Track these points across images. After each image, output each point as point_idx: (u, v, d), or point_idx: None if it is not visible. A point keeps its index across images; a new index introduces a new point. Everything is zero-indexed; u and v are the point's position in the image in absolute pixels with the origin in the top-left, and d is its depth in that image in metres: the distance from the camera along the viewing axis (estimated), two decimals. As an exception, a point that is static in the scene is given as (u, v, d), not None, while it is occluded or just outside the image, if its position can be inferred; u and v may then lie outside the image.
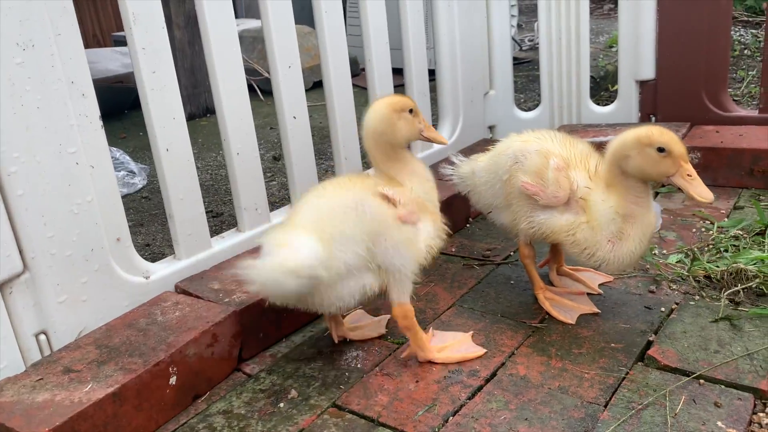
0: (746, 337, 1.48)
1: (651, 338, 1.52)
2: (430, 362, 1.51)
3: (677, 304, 1.65)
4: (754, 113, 2.40)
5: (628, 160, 1.44)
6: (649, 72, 2.53)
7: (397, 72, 2.31)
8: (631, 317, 1.61)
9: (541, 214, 1.57)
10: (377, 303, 1.74)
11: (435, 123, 2.68)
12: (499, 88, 2.71)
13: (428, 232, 1.48)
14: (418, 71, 2.31)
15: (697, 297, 1.67)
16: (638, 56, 2.52)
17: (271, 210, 1.94)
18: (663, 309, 1.63)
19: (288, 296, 1.35)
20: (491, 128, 2.78)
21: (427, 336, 1.57)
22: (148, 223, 2.49)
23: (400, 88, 2.47)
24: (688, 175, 1.40)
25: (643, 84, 2.56)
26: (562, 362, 1.47)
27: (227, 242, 1.80)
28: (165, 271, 1.65)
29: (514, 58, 4.68)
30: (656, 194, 2.28)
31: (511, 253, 2.01)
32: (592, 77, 3.97)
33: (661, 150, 1.39)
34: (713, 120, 2.44)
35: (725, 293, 1.64)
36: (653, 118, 2.60)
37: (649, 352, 1.46)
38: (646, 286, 1.74)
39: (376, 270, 1.41)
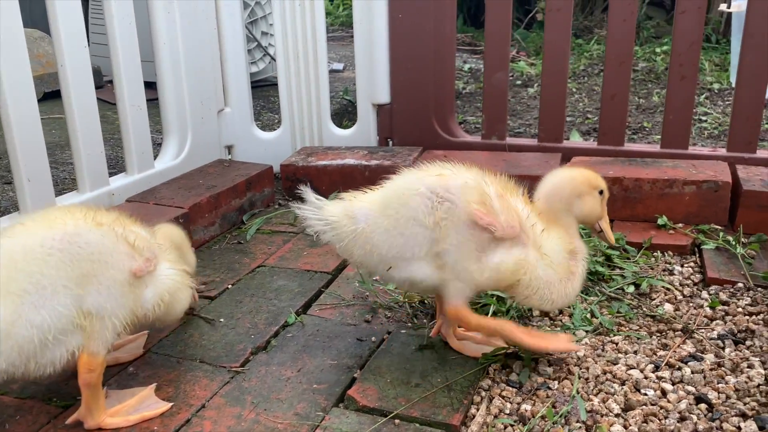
0: (448, 366, 1.44)
1: (356, 375, 1.42)
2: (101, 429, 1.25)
3: (389, 333, 1.58)
4: (478, 139, 2.50)
5: (579, 201, 1.42)
6: (384, 96, 2.52)
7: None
8: (341, 352, 1.50)
9: (495, 256, 1.34)
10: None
11: (159, 140, 2.41)
12: (235, 106, 2.53)
13: (165, 283, 1.30)
14: (130, 80, 2.04)
15: (409, 324, 1.61)
16: (374, 80, 2.50)
17: None
18: (374, 339, 1.55)
19: None
20: (229, 148, 2.58)
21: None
22: None
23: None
24: (607, 219, 1.47)
25: (380, 108, 2.56)
26: (256, 412, 1.30)
27: None
28: None
29: (274, 78, 4.58)
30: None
31: (229, 287, 1.81)
32: (349, 101, 4.01)
33: (600, 193, 1.43)
34: (443, 145, 2.50)
35: (432, 321, 1.61)
36: (390, 142, 2.60)
37: (350, 391, 1.35)
38: (362, 316, 1.66)
39: (84, 324, 1.18)
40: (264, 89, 4.12)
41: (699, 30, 2.11)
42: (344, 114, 3.73)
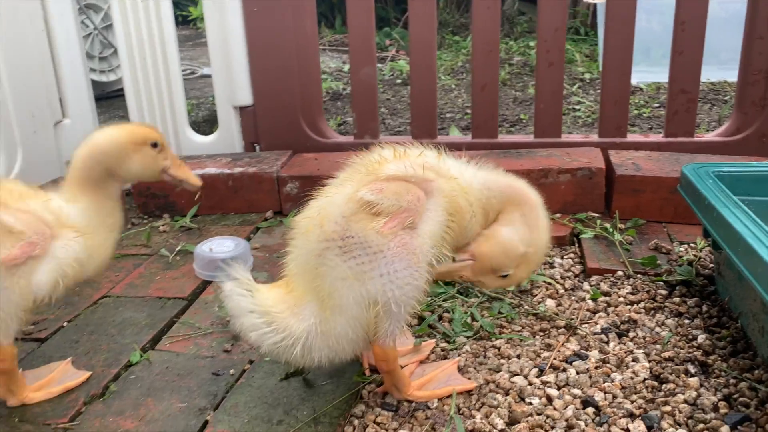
0: (317, 394, 1.27)
1: (209, 417, 1.22)
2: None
3: (251, 363, 1.39)
4: (350, 139, 2.36)
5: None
6: (246, 98, 2.32)
7: None
8: (193, 391, 1.30)
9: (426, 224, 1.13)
10: None
11: None
12: (76, 116, 2.24)
13: (63, 261, 1.21)
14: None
15: (274, 351, 1.43)
16: (233, 81, 2.30)
17: None
18: (233, 372, 1.35)
19: None
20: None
21: None
22: None
23: None
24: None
25: (242, 110, 2.35)
26: (82, 479, 1.08)
27: None
28: None
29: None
30: (257, 229, 2.06)
31: (64, 324, 1.56)
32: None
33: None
34: (314, 147, 2.34)
35: (298, 344, 1.43)
36: (257, 147, 2.40)
37: (198, 440, 1.15)
38: (220, 345, 1.45)
39: None
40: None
41: (563, 15, 2.07)
42: (215, 121, 3.50)
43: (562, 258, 1.79)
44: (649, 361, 1.33)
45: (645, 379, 1.28)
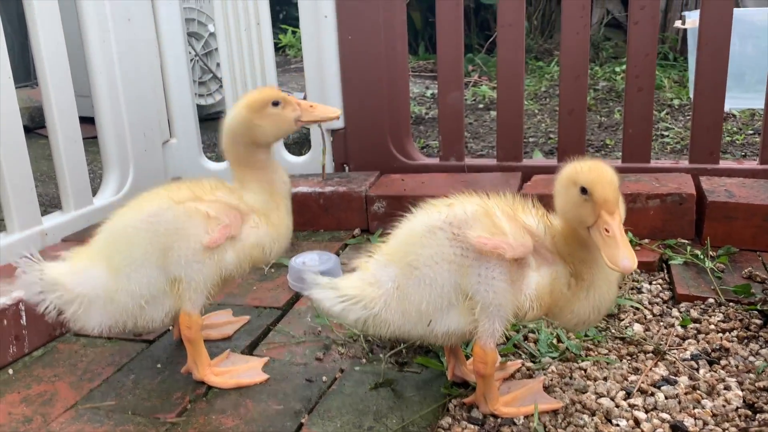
0: (405, 404, 1.32)
1: (303, 420, 1.29)
2: None
3: (342, 371, 1.45)
4: (436, 161, 2.42)
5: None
6: (338, 121, 2.43)
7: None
8: (288, 395, 1.38)
9: (530, 281, 1.20)
10: None
11: (99, 173, 2.28)
12: (182, 136, 2.41)
13: (248, 245, 1.39)
14: (63, 111, 1.92)
15: (363, 360, 1.49)
16: (326, 104, 2.39)
17: None
18: (325, 379, 1.42)
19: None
20: (176, 180, 2.46)
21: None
22: None
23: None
24: (605, 230, 1.10)
25: (334, 133, 2.46)
26: (190, 469, 1.17)
27: None
28: None
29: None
30: (345, 246, 2.14)
31: (171, 328, 1.68)
32: (309, 129, 3.93)
33: (583, 191, 1.12)
34: (401, 168, 2.41)
35: (387, 354, 1.49)
36: (347, 168, 2.50)
37: (295, 440, 1.22)
38: (313, 353, 1.53)
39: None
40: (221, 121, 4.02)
41: (653, 41, 2.07)
42: (304, 143, 3.65)
43: (650, 284, 1.78)
44: (743, 390, 1.31)
45: (737, 408, 1.26)
